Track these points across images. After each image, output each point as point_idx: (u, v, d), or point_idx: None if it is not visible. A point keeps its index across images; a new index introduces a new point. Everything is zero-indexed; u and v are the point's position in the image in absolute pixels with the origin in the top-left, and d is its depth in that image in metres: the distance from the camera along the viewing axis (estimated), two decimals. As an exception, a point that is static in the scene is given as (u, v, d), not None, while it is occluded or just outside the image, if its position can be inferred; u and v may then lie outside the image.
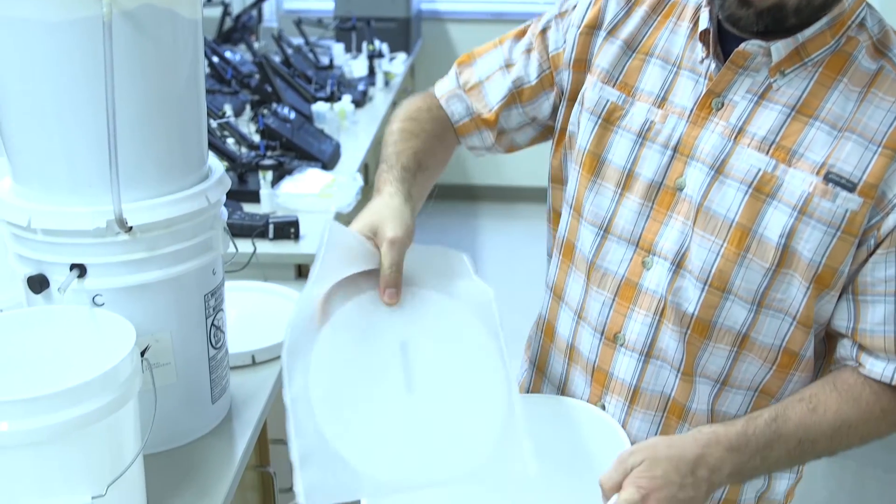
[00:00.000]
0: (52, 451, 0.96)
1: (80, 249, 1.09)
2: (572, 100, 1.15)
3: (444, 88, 1.24)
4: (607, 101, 1.09)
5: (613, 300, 1.09)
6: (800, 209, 0.97)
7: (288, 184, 2.21)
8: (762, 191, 0.98)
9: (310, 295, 0.93)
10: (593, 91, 1.10)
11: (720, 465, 0.96)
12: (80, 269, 1.10)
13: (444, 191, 1.28)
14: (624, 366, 1.10)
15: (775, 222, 0.98)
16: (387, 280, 0.94)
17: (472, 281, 0.99)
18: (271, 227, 1.92)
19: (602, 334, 1.11)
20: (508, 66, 1.20)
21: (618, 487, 0.94)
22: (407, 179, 1.07)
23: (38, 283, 1.11)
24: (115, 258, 1.10)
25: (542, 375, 1.25)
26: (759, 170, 0.98)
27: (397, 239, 0.95)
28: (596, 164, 1.10)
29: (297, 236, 1.93)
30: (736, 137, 1.00)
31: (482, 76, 1.21)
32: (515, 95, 1.19)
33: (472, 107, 1.21)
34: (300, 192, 2.16)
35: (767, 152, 0.98)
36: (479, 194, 5.42)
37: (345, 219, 2.36)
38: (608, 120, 1.09)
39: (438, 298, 0.99)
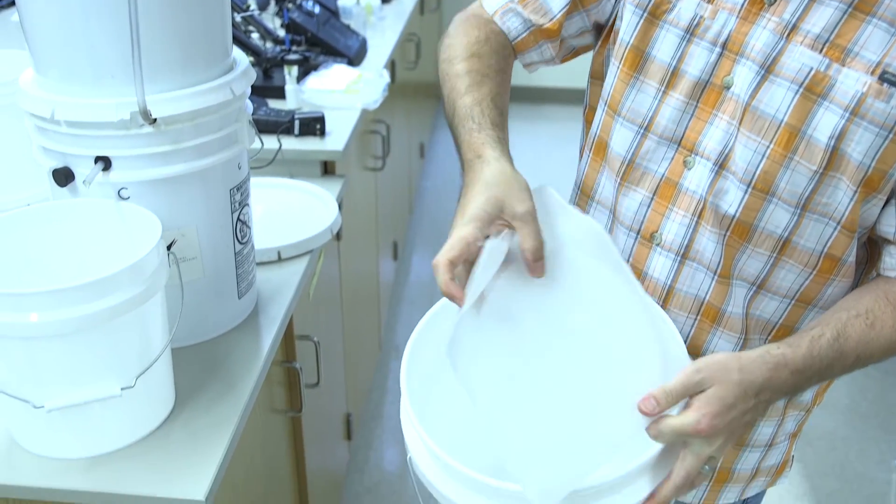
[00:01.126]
0: (81, 342, 0.96)
1: (104, 142, 1.08)
2: None
3: (495, 3, 1.16)
4: None
5: (651, 199, 1.07)
6: (852, 110, 0.92)
7: (313, 80, 2.17)
8: (813, 91, 0.94)
9: (464, 311, 0.90)
10: None
11: (783, 387, 0.93)
12: (105, 162, 1.09)
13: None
14: (659, 265, 1.08)
15: (825, 123, 0.94)
16: (535, 254, 0.92)
17: (573, 216, 0.97)
18: (297, 123, 1.90)
19: (637, 234, 1.09)
20: None
21: (678, 400, 0.89)
22: (501, 138, 1.02)
23: (63, 176, 1.10)
24: (140, 151, 1.09)
25: None
26: (812, 69, 0.93)
27: (530, 211, 0.91)
28: (639, 60, 1.05)
29: (322, 133, 1.91)
30: (788, 35, 0.95)
31: None
32: (577, 1, 1.12)
33: (530, 19, 1.14)
34: (326, 88, 2.13)
35: (821, 51, 0.93)
36: (506, 95, 5.34)
37: (371, 115, 2.34)
38: (654, 14, 1.04)
39: (556, 251, 0.96)
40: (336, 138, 1.91)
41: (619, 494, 0.86)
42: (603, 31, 1.16)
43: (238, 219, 1.24)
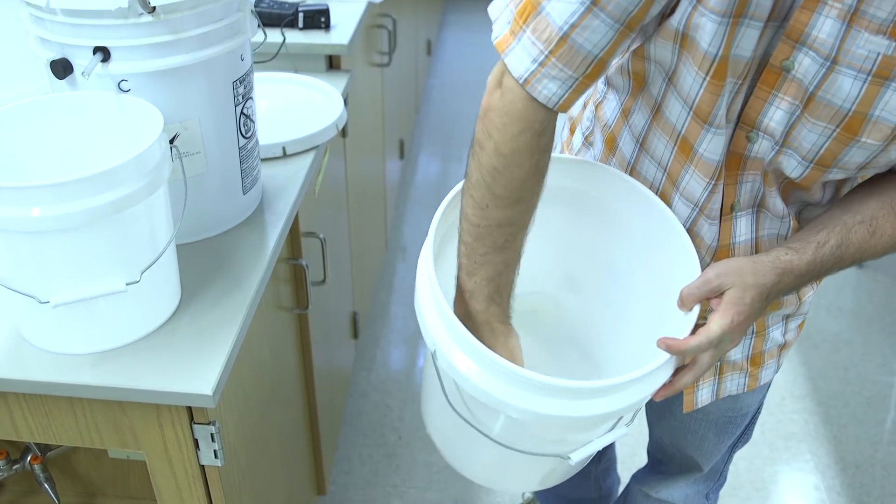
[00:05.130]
0: (84, 236, 0.95)
1: (102, 31, 1.04)
2: None
3: (520, 64, 0.93)
4: None
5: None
6: None
7: (318, -29, 2.10)
8: (881, 75, 0.88)
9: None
10: None
11: (784, 289, 1.00)
12: (104, 53, 1.06)
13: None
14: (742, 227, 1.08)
15: (895, 104, 0.89)
16: None
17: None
18: (301, 15, 1.85)
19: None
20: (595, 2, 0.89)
21: (697, 301, 0.99)
22: (509, 306, 1.06)
23: (61, 68, 1.07)
24: (140, 41, 1.05)
25: None
26: (879, 54, 0.87)
27: None
28: (726, 67, 0.94)
29: (327, 26, 1.85)
30: (850, 20, 0.86)
31: (563, 23, 0.90)
32: (624, 31, 0.91)
33: (567, 72, 0.92)
34: (331, -19, 2.07)
35: (886, 33, 0.86)
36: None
37: (377, 9, 2.27)
38: (736, 14, 0.91)
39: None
40: (341, 32, 1.86)
41: (643, 384, 0.96)
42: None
43: (242, 112, 1.21)
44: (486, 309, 1.02)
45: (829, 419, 2.40)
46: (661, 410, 1.40)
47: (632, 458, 2.12)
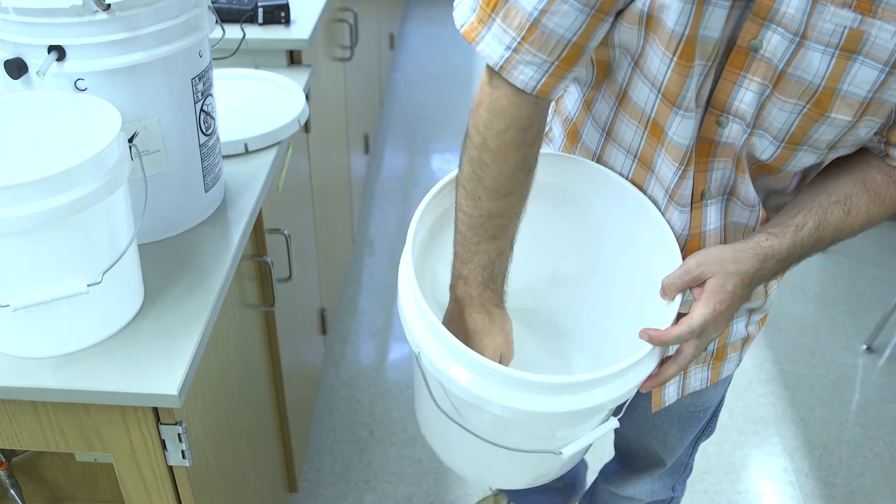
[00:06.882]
0: (43, 238, 0.94)
1: (57, 30, 1.03)
2: None
3: (494, 52, 0.94)
4: None
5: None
6: (892, 64, 0.88)
7: (277, -34, 2.09)
8: (848, 49, 0.88)
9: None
10: None
11: (767, 274, 1.01)
12: (59, 52, 1.04)
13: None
14: (713, 215, 1.08)
15: (863, 79, 0.89)
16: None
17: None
18: (260, 11, 1.83)
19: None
20: None
21: (679, 291, 1.00)
22: (504, 292, 1.09)
23: (15, 68, 1.06)
24: (95, 39, 1.04)
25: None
26: (845, 27, 0.87)
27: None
28: (693, 47, 0.94)
29: (287, 21, 1.84)
30: None
31: (532, 9, 0.91)
32: (597, 15, 0.92)
33: (542, 56, 0.93)
34: (290, -25, 2.05)
35: (851, 6, 0.86)
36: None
37: (338, 3, 2.26)
38: None
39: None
40: (302, 26, 1.85)
41: (627, 377, 0.96)
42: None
43: (202, 109, 1.20)
44: (480, 294, 1.05)
45: (795, 402, 2.44)
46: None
47: (602, 446, 2.14)
